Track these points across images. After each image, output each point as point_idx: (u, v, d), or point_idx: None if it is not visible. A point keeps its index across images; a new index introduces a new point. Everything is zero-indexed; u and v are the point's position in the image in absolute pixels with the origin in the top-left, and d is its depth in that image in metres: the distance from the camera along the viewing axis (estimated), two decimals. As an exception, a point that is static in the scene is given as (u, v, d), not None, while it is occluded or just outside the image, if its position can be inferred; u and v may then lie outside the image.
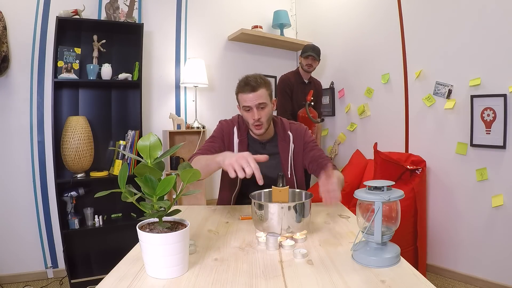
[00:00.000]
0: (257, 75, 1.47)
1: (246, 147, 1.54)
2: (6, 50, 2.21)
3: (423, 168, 2.36)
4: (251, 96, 1.42)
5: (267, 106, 1.46)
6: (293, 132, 1.58)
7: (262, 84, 1.44)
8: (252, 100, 1.42)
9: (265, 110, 1.45)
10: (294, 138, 1.57)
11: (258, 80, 1.43)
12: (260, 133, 1.48)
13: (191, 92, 2.94)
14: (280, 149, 1.55)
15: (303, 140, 1.57)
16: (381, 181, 0.85)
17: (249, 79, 1.44)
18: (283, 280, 0.76)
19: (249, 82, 1.43)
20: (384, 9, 2.74)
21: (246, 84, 1.43)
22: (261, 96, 1.42)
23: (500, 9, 2.05)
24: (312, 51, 2.76)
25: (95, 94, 2.52)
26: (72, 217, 2.30)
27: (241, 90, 1.45)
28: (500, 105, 2.06)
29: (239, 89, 1.47)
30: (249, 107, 1.44)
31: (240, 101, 1.48)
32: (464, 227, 2.30)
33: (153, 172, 0.77)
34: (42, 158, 2.40)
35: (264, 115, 1.45)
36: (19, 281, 2.33)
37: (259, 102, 1.42)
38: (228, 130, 1.56)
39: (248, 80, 1.44)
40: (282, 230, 1.00)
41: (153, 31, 2.79)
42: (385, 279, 0.75)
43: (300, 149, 1.57)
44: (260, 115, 1.43)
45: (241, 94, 1.46)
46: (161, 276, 0.76)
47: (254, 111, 1.43)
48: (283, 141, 1.56)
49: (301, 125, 1.63)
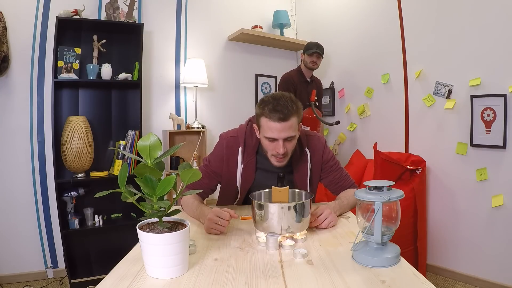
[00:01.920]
0: (288, 98, 1.19)
1: (253, 170, 1.33)
2: (6, 50, 2.21)
3: (423, 168, 2.36)
4: (280, 126, 1.16)
5: (295, 137, 1.23)
6: (311, 149, 1.37)
7: (294, 111, 1.18)
8: (280, 132, 1.17)
9: (292, 142, 1.23)
10: (311, 156, 1.37)
11: (289, 106, 1.17)
12: (280, 166, 1.27)
13: (191, 92, 2.94)
14: (294, 167, 1.35)
15: (321, 158, 1.38)
16: (381, 181, 0.85)
17: (280, 103, 1.16)
18: (283, 280, 0.76)
19: (280, 108, 1.15)
20: (384, 9, 2.74)
21: (275, 110, 1.16)
22: (291, 127, 1.18)
23: (500, 9, 2.04)
24: (317, 48, 2.72)
25: (95, 94, 2.52)
26: (72, 217, 2.30)
27: (268, 115, 1.17)
28: (500, 105, 2.06)
29: (264, 113, 1.19)
30: (274, 139, 1.20)
31: (264, 128, 1.21)
32: (464, 227, 2.29)
33: (153, 172, 0.77)
34: (42, 158, 2.40)
35: (291, 148, 1.23)
36: (19, 281, 2.32)
37: (289, 135, 1.19)
38: (230, 151, 1.33)
39: (279, 105, 1.16)
40: (282, 230, 1.00)
41: (153, 31, 2.79)
42: (385, 279, 0.75)
43: (317, 168, 1.38)
44: (286, 148, 1.21)
45: (266, 119, 1.19)
46: (161, 276, 0.76)
47: (280, 144, 1.20)
48: (299, 159, 1.35)
49: (320, 140, 1.41)
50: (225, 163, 1.34)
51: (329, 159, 1.40)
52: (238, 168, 1.34)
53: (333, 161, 1.42)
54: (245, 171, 1.34)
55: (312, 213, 1.12)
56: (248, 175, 1.34)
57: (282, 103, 1.17)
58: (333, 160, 1.42)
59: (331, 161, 1.41)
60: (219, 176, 1.38)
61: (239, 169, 1.33)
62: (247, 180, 1.36)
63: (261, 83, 3.38)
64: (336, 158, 1.47)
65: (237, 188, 1.38)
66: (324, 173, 1.41)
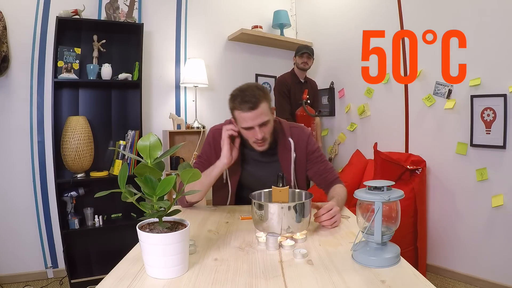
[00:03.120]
0: (253, 87, 1.27)
1: (239, 162, 1.40)
2: (6, 50, 2.21)
3: (423, 168, 2.36)
4: (251, 115, 1.23)
5: (270, 121, 1.29)
6: (295, 138, 1.42)
7: (262, 97, 1.24)
8: (253, 120, 1.24)
9: (268, 127, 1.29)
10: (296, 145, 1.41)
11: (256, 94, 1.24)
12: (263, 150, 1.34)
13: (191, 92, 2.94)
14: (280, 157, 1.41)
15: (306, 149, 1.42)
16: (381, 181, 0.85)
17: (247, 93, 1.24)
18: (283, 280, 0.76)
19: (247, 98, 1.23)
20: (384, 9, 2.74)
21: (244, 101, 1.23)
22: (262, 113, 1.25)
23: (500, 9, 2.04)
24: (306, 49, 2.86)
25: (95, 94, 2.52)
26: (72, 217, 2.30)
27: (238, 107, 1.25)
28: (500, 105, 2.06)
29: (235, 106, 1.27)
30: (250, 127, 1.27)
31: (238, 119, 1.29)
32: (464, 227, 2.29)
33: (153, 172, 0.77)
34: (42, 158, 2.40)
35: (268, 132, 1.30)
36: (19, 281, 2.32)
37: (261, 122, 1.25)
38: (217, 143, 1.39)
39: (246, 96, 1.23)
40: (282, 230, 1.00)
41: (153, 31, 2.79)
42: (385, 279, 0.75)
43: (302, 157, 1.42)
44: (263, 133, 1.27)
45: (238, 111, 1.26)
46: (161, 276, 0.76)
47: (257, 131, 1.26)
48: (284, 148, 1.41)
49: (303, 130, 1.47)
50: (213, 151, 1.41)
51: (314, 150, 1.44)
52: None
53: (318, 152, 1.45)
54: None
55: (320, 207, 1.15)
56: (234, 165, 1.39)
57: (249, 93, 1.24)
58: (318, 152, 1.46)
59: (316, 152, 1.44)
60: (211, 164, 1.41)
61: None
62: (234, 171, 1.42)
63: (261, 83, 3.38)
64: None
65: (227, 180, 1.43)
66: (309, 164, 1.44)
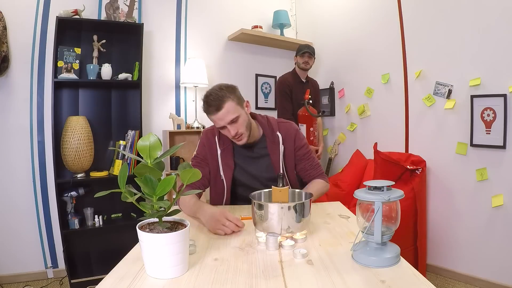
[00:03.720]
0: (216, 89, 1.35)
1: (231, 156, 1.47)
2: (6, 50, 2.21)
3: (423, 168, 2.36)
4: (218, 116, 1.33)
5: (240, 116, 1.36)
6: (283, 132, 1.49)
7: (225, 97, 1.32)
8: (221, 120, 1.33)
9: (239, 122, 1.36)
10: (284, 139, 1.48)
11: (219, 95, 1.32)
12: (243, 143, 1.41)
13: (191, 92, 2.94)
14: (270, 151, 1.48)
15: (294, 143, 1.49)
16: (381, 181, 0.85)
17: (210, 98, 1.33)
18: (283, 280, 0.76)
19: (211, 102, 1.32)
20: (384, 9, 2.74)
21: (209, 105, 1.33)
22: (228, 112, 1.32)
23: (500, 9, 2.04)
24: (307, 49, 2.83)
25: (95, 94, 2.52)
26: (72, 217, 2.30)
27: (207, 111, 1.36)
28: (500, 105, 2.06)
29: (204, 110, 1.37)
30: (222, 127, 1.36)
31: (212, 122, 1.40)
32: (464, 227, 2.29)
33: (153, 172, 0.77)
34: (42, 158, 2.40)
35: (240, 127, 1.36)
36: (19, 281, 2.32)
37: (230, 120, 1.33)
38: (210, 142, 1.49)
39: (209, 100, 1.32)
40: (282, 230, 1.00)
41: (153, 31, 2.79)
42: (385, 279, 0.75)
43: (291, 151, 1.50)
44: (236, 129, 1.35)
45: (209, 115, 1.37)
46: (161, 276, 0.76)
47: (229, 128, 1.35)
48: (272, 142, 1.48)
49: (292, 125, 1.54)
50: (208, 151, 1.49)
51: (301, 146, 1.51)
52: (218, 154, 1.47)
53: (306, 149, 1.53)
54: (224, 156, 1.47)
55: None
56: (228, 159, 1.47)
57: (212, 97, 1.32)
58: (306, 148, 1.53)
59: (303, 149, 1.52)
60: (207, 163, 1.49)
61: (219, 154, 1.47)
62: (228, 165, 1.47)
63: (261, 83, 3.38)
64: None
65: (221, 177, 1.47)
66: (297, 160, 1.52)
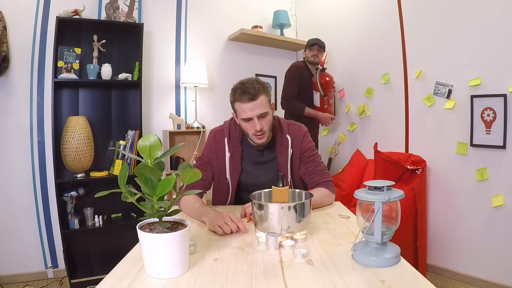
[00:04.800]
0: (253, 80, 1.33)
1: (240, 160, 1.44)
2: (6, 50, 2.21)
3: (423, 168, 2.36)
4: (250, 105, 1.29)
5: (269, 114, 1.34)
6: (292, 135, 1.46)
7: (261, 90, 1.31)
8: (252, 110, 1.30)
9: (266, 119, 1.33)
10: (292, 142, 1.45)
11: (256, 87, 1.30)
12: (262, 143, 1.38)
13: (191, 92, 2.94)
14: (278, 154, 1.45)
15: (300, 145, 1.46)
16: (381, 181, 0.85)
17: (247, 86, 1.30)
18: (283, 280, 0.76)
19: (247, 90, 1.29)
20: (384, 9, 2.74)
21: (244, 93, 1.29)
22: (261, 105, 1.30)
23: (500, 9, 2.04)
24: (317, 41, 2.78)
25: (95, 94, 2.52)
26: (72, 217, 2.30)
27: (239, 99, 1.31)
28: (500, 105, 2.06)
29: (235, 98, 1.33)
30: (249, 118, 1.32)
31: (238, 111, 1.35)
32: (464, 227, 2.29)
33: (153, 172, 0.77)
34: (42, 158, 2.40)
35: (266, 124, 1.34)
36: (19, 281, 2.32)
37: (260, 113, 1.30)
38: (218, 143, 1.45)
39: (246, 88, 1.29)
40: (282, 230, 1.00)
41: (153, 31, 2.79)
42: (385, 279, 0.75)
43: (297, 154, 1.46)
44: (262, 125, 1.32)
45: (238, 103, 1.33)
46: (161, 276, 0.76)
47: (256, 122, 1.31)
48: (281, 145, 1.45)
49: (301, 128, 1.50)
50: (214, 153, 1.45)
51: (307, 148, 1.46)
52: (226, 157, 1.43)
53: (311, 152, 1.48)
54: (232, 159, 1.43)
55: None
56: (236, 163, 1.44)
57: (249, 85, 1.29)
58: (311, 151, 1.48)
59: (308, 151, 1.47)
60: (212, 166, 1.46)
61: (227, 158, 1.43)
62: (235, 169, 1.44)
63: (261, 83, 3.38)
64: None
65: (227, 179, 1.45)
66: (301, 162, 1.47)
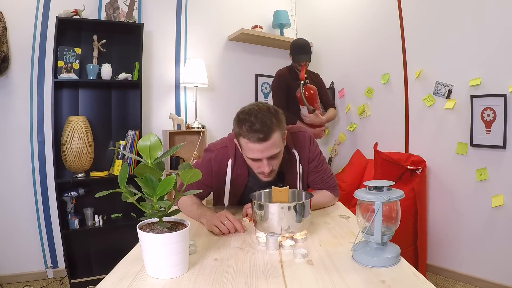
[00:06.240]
0: (265, 111, 1.06)
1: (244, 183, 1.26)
2: (6, 50, 2.21)
3: (423, 168, 2.36)
4: (260, 147, 1.06)
5: (280, 152, 1.13)
6: (298, 148, 1.29)
7: (275, 126, 1.06)
8: (262, 152, 1.07)
9: (277, 159, 1.14)
10: (300, 156, 1.28)
11: (268, 124, 1.04)
12: (269, 181, 1.19)
13: (191, 92, 2.94)
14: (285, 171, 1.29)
15: (308, 156, 1.31)
16: (381, 181, 0.85)
17: (257, 122, 1.04)
18: (283, 280, 0.76)
19: (258, 128, 1.03)
20: (384, 9, 2.74)
21: (252, 130, 1.04)
22: (273, 145, 1.07)
23: (500, 9, 2.04)
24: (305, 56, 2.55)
25: (95, 94, 2.52)
26: (72, 217, 2.30)
27: (245, 135, 1.06)
28: (500, 105, 2.06)
29: (242, 134, 1.08)
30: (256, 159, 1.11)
31: (244, 148, 1.12)
32: (464, 227, 2.29)
33: (153, 172, 0.77)
34: (42, 158, 2.40)
35: (276, 164, 1.15)
36: (19, 281, 2.32)
37: (271, 154, 1.09)
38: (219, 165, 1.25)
39: (255, 123, 1.04)
40: (282, 230, 1.00)
41: (153, 31, 2.79)
42: (385, 279, 0.75)
43: (306, 167, 1.33)
44: (271, 166, 1.12)
45: (245, 140, 1.08)
46: (161, 276, 0.76)
47: (264, 163, 1.11)
48: (288, 162, 1.27)
49: (304, 135, 1.33)
50: (214, 177, 1.28)
51: (314, 157, 1.32)
52: (226, 180, 1.25)
53: (318, 161, 1.34)
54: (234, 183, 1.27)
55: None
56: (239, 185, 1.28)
57: (260, 119, 1.04)
58: (318, 160, 1.34)
59: (315, 161, 1.33)
60: (210, 188, 1.33)
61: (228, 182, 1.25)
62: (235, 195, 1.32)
63: (261, 83, 3.38)
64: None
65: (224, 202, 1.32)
66: (309, 173, 1.35)
